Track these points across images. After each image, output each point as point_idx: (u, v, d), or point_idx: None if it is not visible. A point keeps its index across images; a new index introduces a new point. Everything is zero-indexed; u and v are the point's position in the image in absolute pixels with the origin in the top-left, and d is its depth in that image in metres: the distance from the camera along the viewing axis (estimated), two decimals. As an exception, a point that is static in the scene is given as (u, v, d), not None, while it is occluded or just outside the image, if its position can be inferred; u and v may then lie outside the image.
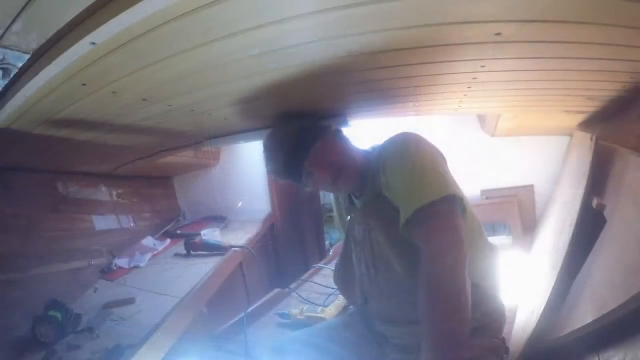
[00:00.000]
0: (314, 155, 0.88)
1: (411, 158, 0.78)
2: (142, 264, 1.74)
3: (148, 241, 1.96)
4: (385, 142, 0.88)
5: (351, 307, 1.22)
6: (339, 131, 0.97)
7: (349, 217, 0.98)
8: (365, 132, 1.91)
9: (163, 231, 2.19)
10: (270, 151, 0.94)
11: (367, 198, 0.91)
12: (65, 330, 1.15)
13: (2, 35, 0.62)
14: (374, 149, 0.94)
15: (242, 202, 2.38)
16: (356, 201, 0.95)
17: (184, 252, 1.82)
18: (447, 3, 0.58)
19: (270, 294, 1.59)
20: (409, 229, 0.73)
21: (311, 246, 2.69)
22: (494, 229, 2.01)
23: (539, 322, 0.90)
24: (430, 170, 0.76)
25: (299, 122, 0.95)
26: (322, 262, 2.02)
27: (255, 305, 1.49)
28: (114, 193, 1.96)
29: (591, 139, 1.14)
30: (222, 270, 1.65)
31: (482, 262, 0.87)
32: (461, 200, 0.75)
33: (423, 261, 0.70)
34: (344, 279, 1.01)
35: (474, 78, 0.93)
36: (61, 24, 0.62)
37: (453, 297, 0.65)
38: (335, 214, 1.12)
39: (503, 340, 0.87)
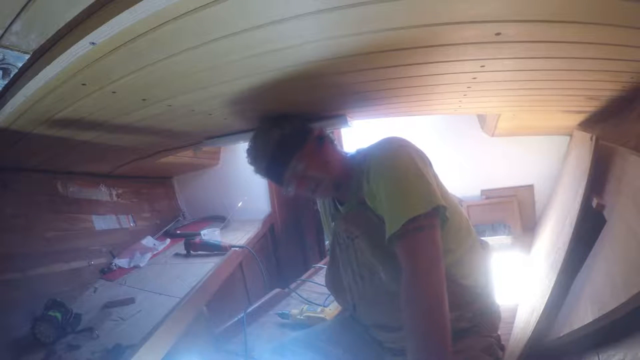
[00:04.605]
0: (295, 165, 0.88)
1: (395, 168, 0.78)
2: (142, 264, 1.73)
3: (148, 241, 1.96)
4: (371, 146, 0.88)
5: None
6: (324, 136, 0.95)
7: (334, 223, 0.98)
8: (365, 132, 1.93)
9: (163, 231, 2.19)
10: (256, 152, 0.95)
11: (350, 205, 0.91)
12: (65, 330, 1.15)
13: (2, 35, 0.62)
14: (359, 152, 0.94)
15: (242, 202, 2.39)
16: (341, 207, 0.96)
17: (184, 252, 1.82)
18: (446, 3, 0.58)
19: (270, 294, 1.59)
20: (392, 241, 0.74)
21: (311, 246, 2.69)
22: (494, 229, 2.01)
23: (539, 322, 0.90)
24: (414, 181, 0.76)
25: (284, 127, 0.94)
26: (322, 262, 2.02)
27: (255, 305, 1.49)
28: (114, 193, 1.96)
29: (591, 139, 1.14)
30: (222, 270, 1.65)
31: (473, 261, 0.87)
32: (444, 208, 0.76)
33: (404, 278, 0.71)
34: (334, 285, 1.01)
35: (474, 78, 0.93)
36: (61, 24, 0.62)
37: (434, 314, 0.67)
38: (322, 218, 1.12)
39: (498, 339, 0.87)
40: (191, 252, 1.81)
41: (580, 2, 0.58)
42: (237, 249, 1.82)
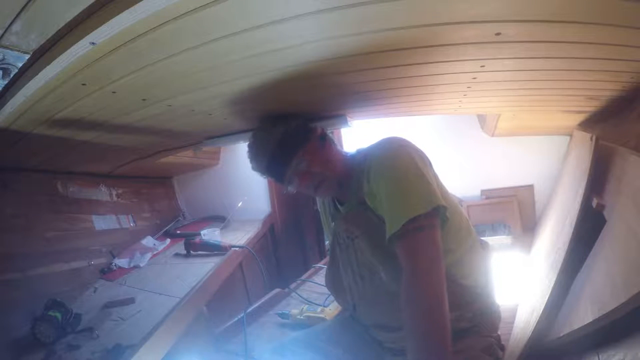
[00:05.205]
0: (298, 162, 0.88)
1: (395, 168, 0.78)
2: (142, 264, 1.73)
3: (148, 241, 1.96)
4: (371, 146, 0.88)
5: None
6: (325, 135, 0.96)
7: (334, 223, 0.98)
8: (365, 132, 1.93)
9: (163, 231, 2.19)
10: (257, 148, 0.95)
11: (350, 205, 0.91)
12: (65, 330, 1.15)
13: (2, 35, 0.62)
14: (359, 152, 0.94)
15: (242, 202, 2.39)
16: (341, 207, 0.96)
17: (184, 252, 1.82)
18: (446, 3, 0.58)
19: (270, 294, 1.59)
20: (392, 241, 0.74)
21: (311, 246, 2.69)
22: (494, 229, 2.01)
23: (539, 322, 0.90)
24: (414, 181, 0.76)
25: (287, 125, 0.94)
26: (322, 262, 2.02)
27: (255, 305, 1.49)
28: (114, 193, 1.96)
29: (591, 139, 1.14)
30: (222, 270, 1.65)
31: (473, 261, 0.87)
32: (444, 208, 0.76)
33: (405, 278, 0.71)
34: (334, 285, 1.01)
35: (474, 78, 0.93)
36: (61, 24, 0.62)
37: (434, 314, 0.67)
38: (322, 218, 1.12)
39: (498, 338, 0.87)
40: (191, 252, 1.81)
41: (580, 2, 0.58)
42: (237, 249, 1.82)
